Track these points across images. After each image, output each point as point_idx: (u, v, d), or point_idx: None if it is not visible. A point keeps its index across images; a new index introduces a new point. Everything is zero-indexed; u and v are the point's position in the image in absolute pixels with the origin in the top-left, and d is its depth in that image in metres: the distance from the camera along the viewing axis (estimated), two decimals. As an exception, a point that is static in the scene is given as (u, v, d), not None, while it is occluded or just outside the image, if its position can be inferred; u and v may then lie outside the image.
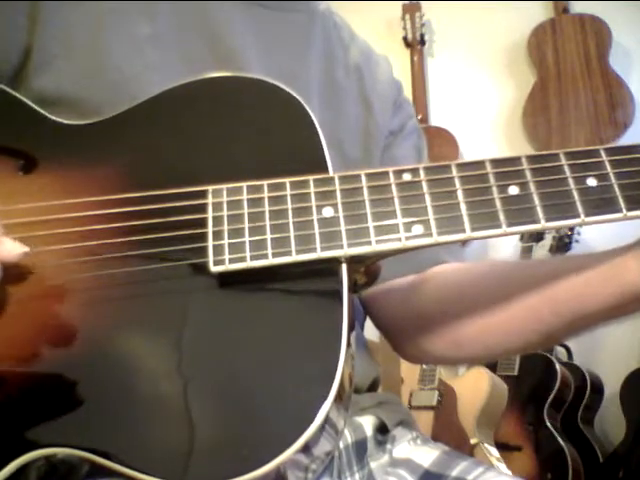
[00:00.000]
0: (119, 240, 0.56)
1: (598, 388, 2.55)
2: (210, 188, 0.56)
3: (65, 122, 0.64)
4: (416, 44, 3.07)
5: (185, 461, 0.49)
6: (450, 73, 3.09)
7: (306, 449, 0.51)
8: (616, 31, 2.80)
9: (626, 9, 2.80)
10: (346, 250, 0.54)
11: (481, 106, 3.01)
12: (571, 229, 2.54)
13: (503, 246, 2.76)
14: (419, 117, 2.92)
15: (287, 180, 0.56)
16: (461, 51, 3.08)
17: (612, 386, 2.50)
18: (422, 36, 3.07)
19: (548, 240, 2.58)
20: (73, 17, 0.72)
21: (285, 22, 0.83)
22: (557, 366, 2.43)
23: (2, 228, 0.53)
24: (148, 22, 0.74)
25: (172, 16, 0.76)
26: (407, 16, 3.08)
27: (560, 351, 2.63)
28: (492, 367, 2.43)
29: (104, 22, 0.73)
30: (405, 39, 3.09)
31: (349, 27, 0.94)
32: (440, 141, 2.90)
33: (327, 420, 0.51)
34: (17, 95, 0.65)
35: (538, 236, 2.57)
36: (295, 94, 0.63)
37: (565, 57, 2.87)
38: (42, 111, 0.64)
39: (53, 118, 0.64)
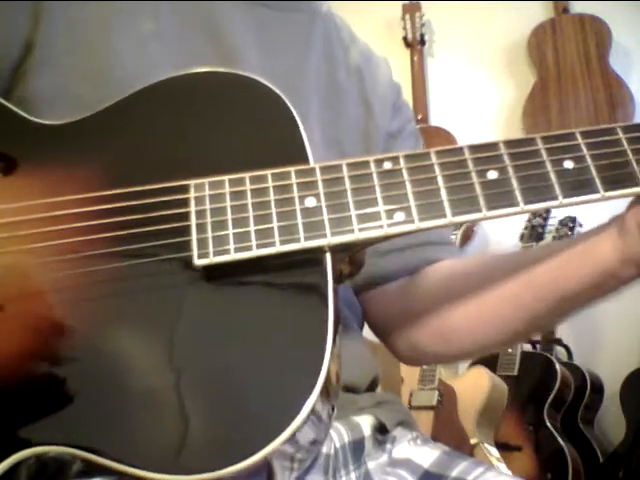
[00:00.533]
0: (102, 236, 0.56)
1: (598, 388, 2.55)
2: (192, 182, 0.57)
3: (45, 122, 0.64)
4: (416, 44, 3.08)
5: (174, 454, 0.49)
6: (450, 73, 3.09)
7: (291, 438, 0.52)
8: (616, 31, 2.80)
9: (626, 9, 2.80)
10: (329, 239, 0.54)
11: (481, 106, 3.01)
12: (571, 229, 2.55)
13: (504, 246, 2.76)
14: (419, 117, 2.92)
15: (269, 172, 0.56)
16: (461, 51, 3.08)
17: (612, 386, 2.49)
18: (422, 36, 3.08)
19: (548, 240, 2.58)
20: (79, 16, 0.72)
21: (286, 22, 0.84)
22: (557, 366, 2.43)
23: None
24: (152, 20, 0.75)
25: (175, 14, 0.76)
26: (407, 16, 3.09)
27: (560, 351, 2.63)
28: (492, 367, 2.42)
29: (109, 21, 0.73)
30: (405, 39, 3.09)
31: (349, 28, 0.94)
32: (440, 141, 2.90)
33: (312, 411, 0.51)
34: None
35: (538, 236, 2.58)
36: (274, 88, 0.63)
37: (565, 57, 2.87)
38: (21, 112, 0.64)
39: (32, 119, 0.64)
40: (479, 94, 3.02)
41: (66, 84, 0.70)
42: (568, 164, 0.55)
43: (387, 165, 0.56)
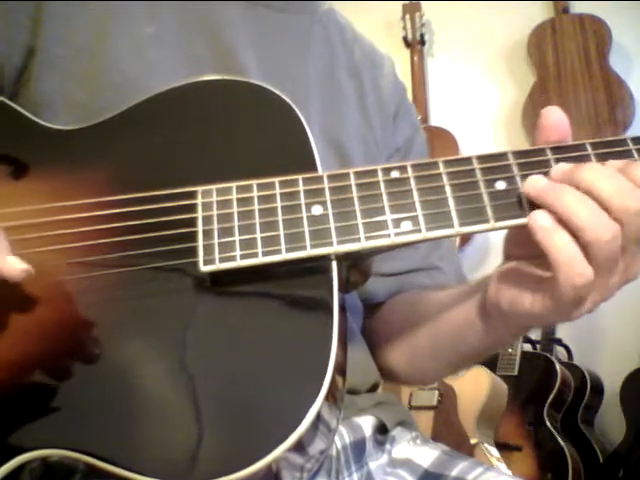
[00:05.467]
0: (110, 241, 0.56)
1: (598, 388, 2.55)
2: (200, 189, 0.57)
3: (55, 127, 0.64)
4: (416, 44, 3.07)
5: (178, 461, 0.49)
6: (450, 73, 3.09)
7: (301, 449, 0.52)
8: (616, 31, 2.79)
9: (626, 9, 2.80)
10: (336, 247, 0.54)
11: (481, 106, 3.01)
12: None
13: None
14: (419, 117, 2.91)
15: (276, 179, 0.56)
16: (461, 51, 3.08)
17: (612, 386, 2.49)
18: (422, 36, 3.06)
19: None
20: (77, 18, 0.72)
21: (286, 24, 0.83)
22: (557, 366, 2.43)
23: (7, 244, 0.53)
24: (150, 24, 0.75)
25: (174, 18, 0.76)
26: (407, 16, 3.08)
27: (560, 351, 2.63)
28: (492, 367, 2.42)
29: (108, 24, 0.73)
30: (405, 39, 3.08)
31: (352, 27, 0.94)
32: (440, 141, 2.90)
33: (320, 419, 0.51)
34: (5, 101, 0.66)
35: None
36: (282, 95, 0.63)
37: (565, 57, 2.86)
38: (32, 117, 0.65)
39: (43, 123, 0.64)
40: (479, 94, 3.02)
41: (65, 89, 0.70)
42: None
43: (395, 174, 0.56)
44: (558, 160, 0.55)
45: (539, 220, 0.51)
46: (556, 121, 0.56)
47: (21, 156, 0.62)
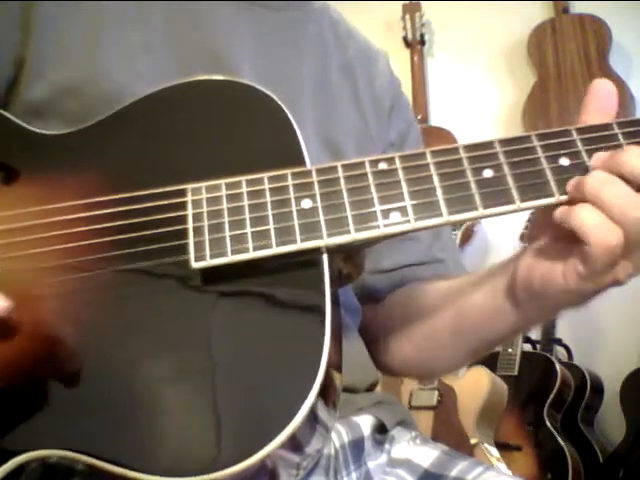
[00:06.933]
0: (100, 241, 0.56)
1: (598, 388, 2.55)
2: (189, 186, 0.57)
3: (45, 132, 0.64)
4: (416, 44, 3.07)
5: (172, 457, 0.49)
6: (450, 73, 3.09)
7: (297, 446, 0.52)
8: (616, 31, 2.79)
9: (626, 9, 2.80)
10: (326, 240, 0.54)
11: (481, 106, 3.01)
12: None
13: (503, 247, 2.75)
14: (419, 117, 2.91)
15: (265, 175, 0.57)
16: (461, 51, 3.08)
17: (612, 386, 2.49)
18: (422, 36, 3.06)
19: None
20: (69, 19, 0.72)
21: (279, 21, 0.83)
22: (557, 366, 2.42)
23: None
24: (139, 30, 0.74)
25: (164, 21, 0.76)
26: (407, 16, 3.08)
27: (560, 351, 2.62)
28: (492, 367, 2.42)
29: (98, 33, 0.73)
30: (405, 39, 3.08)
31: (346, 23, 0.93)
32: (440, 141, 2.90)
33: (315, 416, 0.51)
34: None
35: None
36: (270, 93, 0.63)
37: (565, 57, 2.86)
38: (21, 122, 0.65)
39: (33, 129, 0.65)
40: (479, 94, 3.02)
41: (55, 99, 0.70)
42: (564, 161, 0.55)
43: (382, 165, 0.56)
44: (544, 147, 0.55)
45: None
46: (604, 92, 0.60)
47: (11, 161, 0.62)
